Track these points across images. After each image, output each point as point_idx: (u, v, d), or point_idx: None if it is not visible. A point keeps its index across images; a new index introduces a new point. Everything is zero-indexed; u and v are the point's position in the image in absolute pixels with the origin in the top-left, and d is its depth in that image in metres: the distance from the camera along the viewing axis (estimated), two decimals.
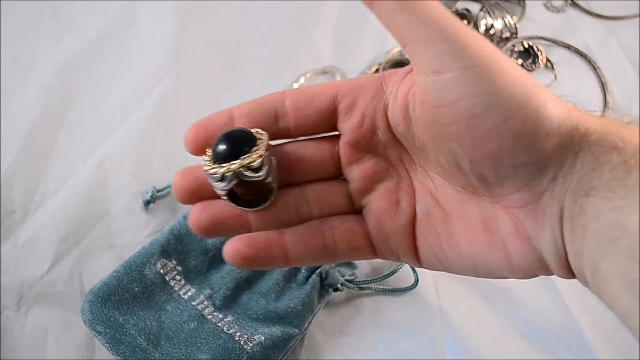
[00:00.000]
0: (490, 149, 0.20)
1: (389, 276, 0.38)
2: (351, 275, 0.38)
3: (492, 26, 0.54)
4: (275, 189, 0.24)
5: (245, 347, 0.33)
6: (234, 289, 0.36)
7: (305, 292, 0.36)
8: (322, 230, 0.24)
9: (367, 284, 0.38)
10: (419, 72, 0.21)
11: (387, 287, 0.38)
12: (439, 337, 0.36)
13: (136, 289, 0.35)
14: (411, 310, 0.38)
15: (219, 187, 0.22)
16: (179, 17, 0.53)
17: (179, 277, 0.37)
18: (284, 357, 0.34)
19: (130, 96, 0.48)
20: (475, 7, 0.56)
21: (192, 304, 0.35)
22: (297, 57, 0.52)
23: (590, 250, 0.19)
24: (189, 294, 0.36)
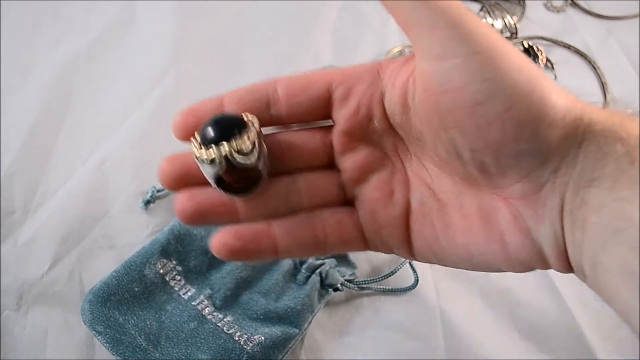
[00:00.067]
0: (493, 137, 0.20)
1: (389, 276, 0.37)
2: (351, 275, 0.38)
3: (492, 26, 0.54)
4: (265, 176, 0.23)
5: (245, 347, 0.33)
6: (234, 289, 0.36)
7: (305, 292, 0.36)
8: (312, 221, 0.24)
9: (367, 284, 0.38)
10: (422, 58, 0.20)
11: (387, 287, 0.38)
12: (439, 337, 0.36)
13: (136, 289, 0.35)
14: (411, 310, 0.38)
15: (208, 172, 0.21)
16: (179, 17, 0.53)
17: (179, 277, 0.36)
18: (284, 357, 0.34)
19: (130, 96, 0.48)
20: (475, 7, 0.56)
21: (192, 304, 0.35)
22: (297, 57, 0.51)
23: (590, 242, 0.19)
24: (189, 294, 0.36)
